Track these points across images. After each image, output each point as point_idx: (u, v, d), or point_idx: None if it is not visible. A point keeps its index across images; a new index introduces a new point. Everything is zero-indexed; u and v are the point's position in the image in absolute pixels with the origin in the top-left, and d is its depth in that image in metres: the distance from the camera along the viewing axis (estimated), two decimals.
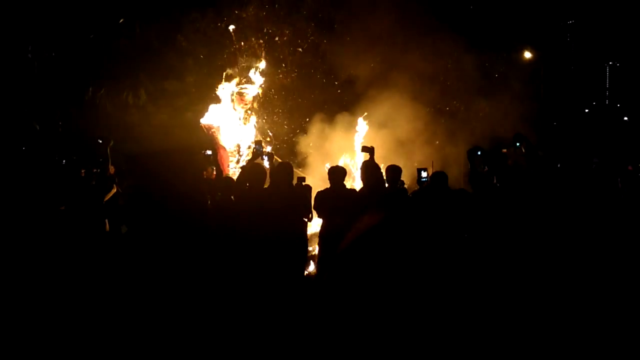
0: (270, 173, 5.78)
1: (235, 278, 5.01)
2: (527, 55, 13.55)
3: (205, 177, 7.27)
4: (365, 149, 6.17)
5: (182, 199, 5.78)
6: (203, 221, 5.87)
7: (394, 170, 5.83)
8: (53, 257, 5.82)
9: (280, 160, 6.75)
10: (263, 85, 9.54)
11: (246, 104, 9.32)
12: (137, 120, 11.23)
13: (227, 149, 8.82)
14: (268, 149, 8.57)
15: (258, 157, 6.21)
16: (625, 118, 18.31)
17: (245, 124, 9.23)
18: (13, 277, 5.44)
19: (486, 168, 5.96)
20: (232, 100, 9.18)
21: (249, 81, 9.34)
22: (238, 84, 9.26)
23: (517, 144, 6.03)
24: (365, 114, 9.29)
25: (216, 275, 5.22)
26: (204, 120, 8.75)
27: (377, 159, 6.07)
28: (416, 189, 6.13)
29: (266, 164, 6.24)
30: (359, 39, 10.48)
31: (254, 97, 9.34)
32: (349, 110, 9.99)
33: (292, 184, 5.61)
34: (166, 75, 11.28)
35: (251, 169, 5.61)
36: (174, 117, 11.20)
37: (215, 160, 7.72)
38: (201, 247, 5.49)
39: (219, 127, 8.73)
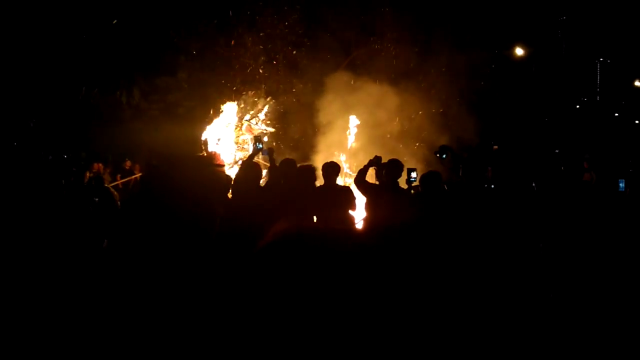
0: (270, 169, 5.76)
1: (227, 271, 4.98)
2: (519, 52, 13.62)
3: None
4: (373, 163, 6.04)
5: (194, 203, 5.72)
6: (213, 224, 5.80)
7: (397, 166, 5.83)
8: (45, 256, 5.78)
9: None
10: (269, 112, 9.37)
11: (253, 133, 9.19)
12: (128, 116, 11.19)
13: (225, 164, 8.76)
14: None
15: (258, 154, 6.17)
16: (616, 114, 18.51)
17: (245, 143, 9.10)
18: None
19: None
20: (240, 127, 9.05)
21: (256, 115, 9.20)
22: (245, 113, 9.08)
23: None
24: (354, 115, 9.21)
25: (211, 269, 5.19)
26: (204, 136, 8.66)
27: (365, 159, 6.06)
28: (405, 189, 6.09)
29: (260, 159, 6.23)
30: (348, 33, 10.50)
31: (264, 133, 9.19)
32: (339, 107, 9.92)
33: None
34: (158, 71, 11.23)
35: (248, 167, 5.60)
36: (166, 112, 11.17)
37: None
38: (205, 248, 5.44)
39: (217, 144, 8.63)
